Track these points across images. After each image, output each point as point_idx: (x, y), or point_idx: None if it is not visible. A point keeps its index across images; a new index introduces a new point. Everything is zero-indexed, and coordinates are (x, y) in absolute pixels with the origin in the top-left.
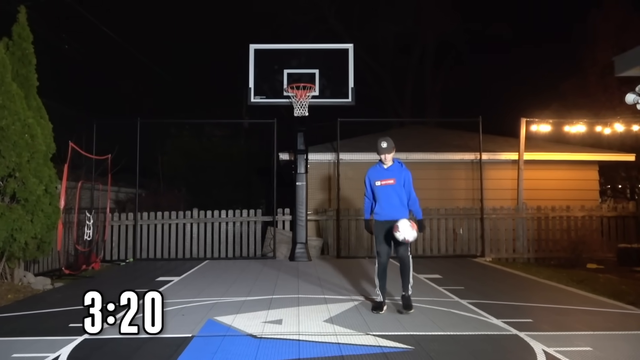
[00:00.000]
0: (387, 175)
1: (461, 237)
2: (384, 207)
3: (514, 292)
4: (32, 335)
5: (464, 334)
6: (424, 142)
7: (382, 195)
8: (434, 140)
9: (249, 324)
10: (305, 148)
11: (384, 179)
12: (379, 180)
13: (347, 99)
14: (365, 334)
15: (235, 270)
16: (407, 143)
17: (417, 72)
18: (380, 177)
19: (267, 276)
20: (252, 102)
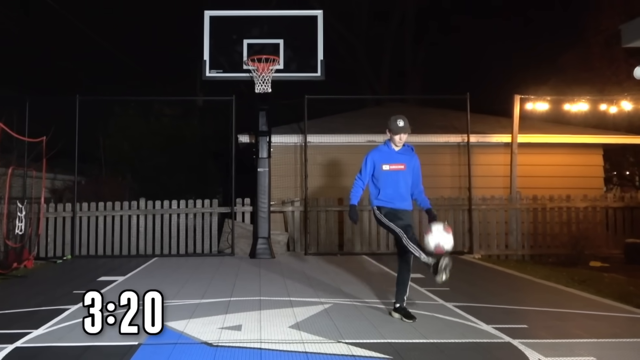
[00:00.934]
0: (398, 159)
1: None
2: (389, 194)
3: (506, 294)
4: None
5: (449, 341)
6: None
7: (389, 182)
8: (415, 121)
9: (204, 330)
10: (268, 129)
11: (395, 163)
12: (388, 164)
13: (315, 73)
14: (337, 341)
15: (188, 268)
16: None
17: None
18: (389, 161)
19: (224, 275)
20: (207, 76)
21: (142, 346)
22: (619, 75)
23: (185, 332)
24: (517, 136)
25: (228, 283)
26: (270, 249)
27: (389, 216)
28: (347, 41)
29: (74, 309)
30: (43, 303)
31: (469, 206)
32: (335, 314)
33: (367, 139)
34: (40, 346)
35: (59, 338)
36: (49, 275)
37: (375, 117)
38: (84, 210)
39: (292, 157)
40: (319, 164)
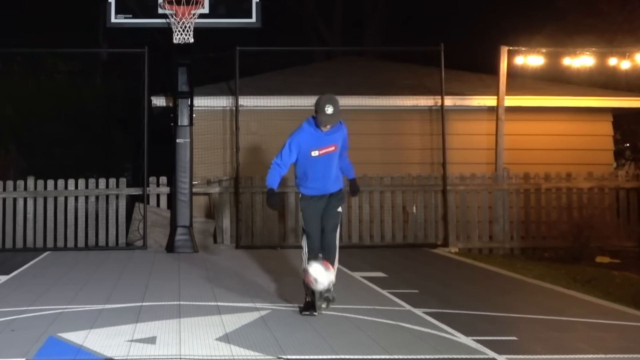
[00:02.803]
0: (327, 141)
1: (414, 217)
2: (319, 179)
3: (490, 298)
4: None
5: (418, 357)
6: (361, 80)
7: (319, 167)
8: (376, 79)
9: (109, 343)
10: (189, 90)
11: (324, 147)
12: (318, 149)
13: (249, 19)
14: (277, 357)
15: (89, 265)
16: (336, 82)
17: None
18: (318, 145)
19: (134, 274)
20: (113, 23)
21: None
22: (632, 21)
23: (85, 346)
24: (504, 98)
25: (139, 284)
26: (192, 241)
27: (308, 207)
28: None
29: None
30: None
31: (443, 187)
32: (273, 323)
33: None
34: None
35: None
36: None
37: (325, 75)
38: None
39: (220, 125)
40: (254, 134)
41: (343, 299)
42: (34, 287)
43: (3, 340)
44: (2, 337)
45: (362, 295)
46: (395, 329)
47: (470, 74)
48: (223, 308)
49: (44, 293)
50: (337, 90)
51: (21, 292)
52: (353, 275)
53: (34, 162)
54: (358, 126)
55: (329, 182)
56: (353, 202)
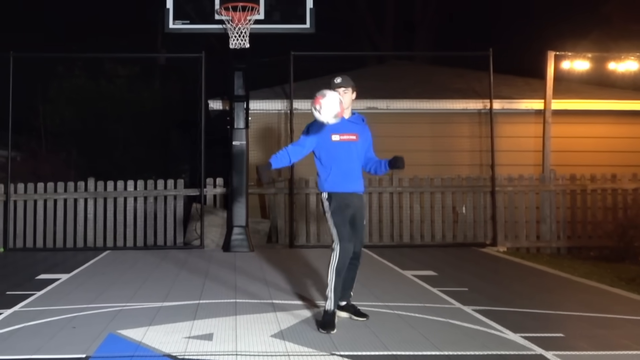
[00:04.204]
0: (350, 128)
1: (464, 218)
2: (344, 172)
3: (537, 296)
4: None
5: (467, 354)
6: (412, 84)
7: (341, 156)
8: (426, 83)
9: (167, 339)
10: (245, 93)
11: (346, 133)
12: (339, 134)
13: (303, 25)
14: (330, 354)
15: (148, 264)
16: (388, 86)
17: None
18: (339, 130)
19: (192, 273)
20: (171, 28)
21: (90, 359)
22: None
23: (144, 343)
24: (551, 102)
25: (197, 282)
26: (248, 240)
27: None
28: None
29: (7, 313)
30: None
31: (492, 188)
32: None
33: (367, 105)
34: None
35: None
36: None
37: (377, 79)
38: (19, 192)
39: (275, 128)
40: None
41: (395, 297)
42: (94, 285)
43: (64, 336)
44: (63, 333)
45: (413, 293)
46: (445, 326)
47: (518, 78)
48: (278, 306)
49: (104, 291)
50: (389, 94)
51: (82, 290)
52: (404, 273)
53: (94, 163)
54: (409, 129)
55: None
56: (404, 202)
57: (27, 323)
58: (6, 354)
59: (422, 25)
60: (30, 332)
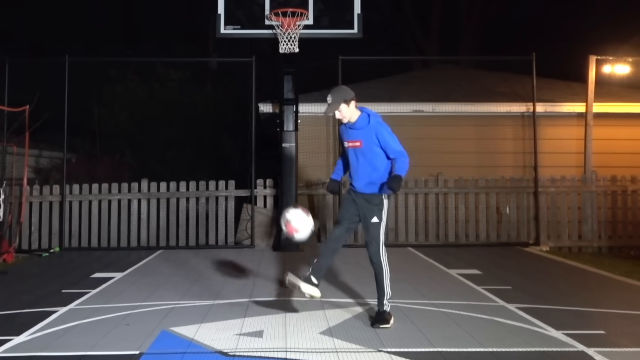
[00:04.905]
0: (352, 135)
1: (507, 218)
2: (352, 174)
3: (579, 294)
4: None
5: (511, 350)
6: (457, 88)
7: (352, 159)
8: (471, 86)
9: (218, 336)
10: (294, 97)
11: (351, 140)
12: (347, 141)
13: (351, 30)
14: (377, 350)
15: (200, 263)
16: (433, 90)
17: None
18: (347, 137)
19: (242, 272)
20: (222, 33)
21: (143, 356)
22: None
23: (196, 340)
24: (593, 105)
25: (247, 281)
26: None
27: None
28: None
29: (63, 311)
30: (25, 304)
31: (535, 189)
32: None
33: (413, 108)
34: (21, 356)
35: (44, 347)
36: (33, 271)
37: (422, 83)
38: (75, 193)
39: (323, 130)
40: None
41: (440, 295)
42: (147, 283)
43: (118, 333)
44: (117, 330)
45: (458, 291)
46: (489, 324)
47: (560, 81)
48: (326, 303)
49: (156, 289)
50: (434, 97)
51: (135, 288)
52: (449, 272)
53: (147, 165)
54: (454, 131)
55: (358, 180)
56: (450, 203)
57: (82, 320)
58: (62, 350)
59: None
60: (85, 329)
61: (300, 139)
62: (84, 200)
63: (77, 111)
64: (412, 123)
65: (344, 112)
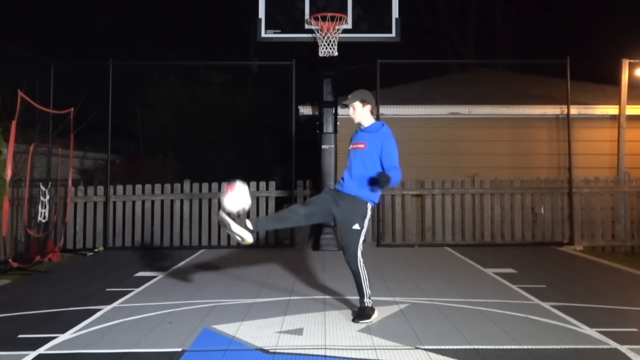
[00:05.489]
0: (360, 138)
1: (542, 218)
2: (344, 173)
3: (613, 292)
4: None
5: (546, 347)
6: (493, 91)
7: (351, 161)
8: (506, 89)
9: (259, 334)
10: (334, 99)
11: (356, 143)
12: (352, 144)
13: (389, 34)
14: (415, 347)
15: (241, 262)
16: (470, 93)
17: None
18: (353, 140)
19: (282, 270)
20: (263, 37)
21: (186, 353)
22: None
23: (237, 337)
24: (626, 107)
25: (287, 279)
26: (336, 240)
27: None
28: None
29: (107, 309)
30: (70, 303)
31: (569, 189)
32: (412, 316)
33: (450, 111)
34: (67, 353)
35: (89, 344)
36: (77, 270)
37: (459, 86)
38: (119, 194)
39: None
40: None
41: (476, 294)
42: (189, 282)
43: (161, 331)
44: (160, 328)
45: (494, 290)
46: (524, 322)
47: (594, 84)
48: None
49: (199, 288)
50: (471, 100)
51: (177, 286)
52: (485, 271)
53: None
54: (490, 133)
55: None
56: (486, 203)
57: (125, 318)
58: (106, 347)
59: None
60: (128, 327)
61: (340, 140)
62: (127, 201)
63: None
64: (449, 125)
65: (358, 111)
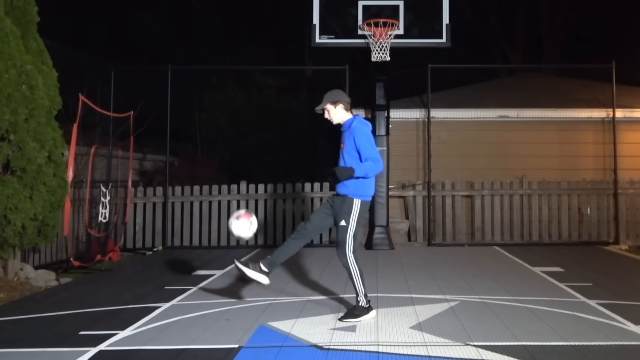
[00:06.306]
0: (342, 138)
1: (588, 218)
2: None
3: None
4: (31, 345)
5: (592, 344)
6: (541, 94)
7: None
8: (553, 93)
9: (313, 331)
10: (386, 103)
11: (342, 143)
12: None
13: (440, 39)
14: (464, 344)
15: (295, 261)
16: (518, 96)
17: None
18: (341, 141)
19: (336, 269)
20: (317, 42)
21: (242, 349)
22: None
23: (292, 334)
24: None
25: (341, 277)
26: (388, 239)
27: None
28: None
29: (166, 307)
30: (130, 301)
31: (614, 190)
32: (462, 313)
33: (499, 114)
34: (126, 349)
35: (148, 340)
36: (136, 268)
37: (507, 90)
38: (177, 195)
39: (413, 135)
40: (444, 143)
41: (524, 292)
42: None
43: (218, 328)
44: (217, 325)
45: (542, 288)
46: (571, 319)
47: (639, 88)
48: (416, 299)
49: (255, 286)
50: (519, 104)
51: (234, 285)
52: (533, 269)
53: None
54: (538, 136)
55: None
56: (533, 204)
57: (184, 316)
58: (165, 344)
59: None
60: (186, 324)
61: (392, 143)
62: (185, 202)
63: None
64: (498, 128)
65: (331, 113)
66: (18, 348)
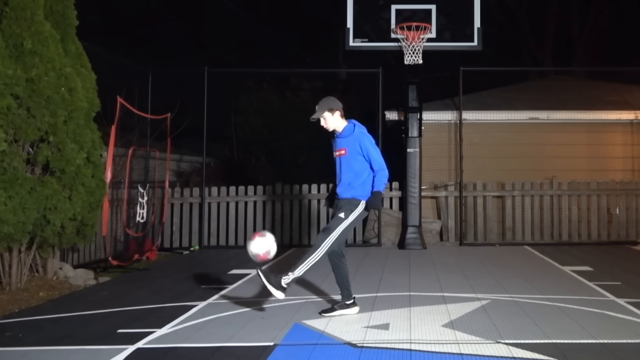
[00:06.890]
0: (339, 144)
1: (617, 218)
2: (336, 182)
3: None
4: (70, 343)
5: (621, 342)
6: (570, 97)
7: (337, 168)
8: (583, 95)
9: (347, 329)
10: (418, 105)
11: (337, 149)
12: (335, 151)
13: (471, 43)
14: (496, 342)
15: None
16: (548, 99)
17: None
18: (335, 147)
19: (369, 268)
20: (351, 46)
21: (278, 347)
22: None
23: (326, 332)
24: None
25: (374, 277)
26: (421, 239)
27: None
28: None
29: (202, 305)
30: (167, 299)
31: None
32: (493, 312)
33: (529, 116)
34: (164, 347)
35: (185, 338)
36: (174, 268)
37: (538, 92)
38: (214, 195)
39: (445, 136)
40: (475, 144)
41: (555, 290)
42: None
43: (254, 326)
44: (253, 323)
45: (572, 287)
46: (600, 317)
47: None
48: (448, 298)
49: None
50: (549, 106)
51: None
52: (563, 269)
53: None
54: (567, 137)
55: (340, 186)
56: (563, 204)
57: (220, 314)
58: (202, 341)
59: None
60: (223, 322)
61: (424, 144)
62: (221, 202)
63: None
64: (528, 130)
65: (328, 120)
66: (58, 346)
